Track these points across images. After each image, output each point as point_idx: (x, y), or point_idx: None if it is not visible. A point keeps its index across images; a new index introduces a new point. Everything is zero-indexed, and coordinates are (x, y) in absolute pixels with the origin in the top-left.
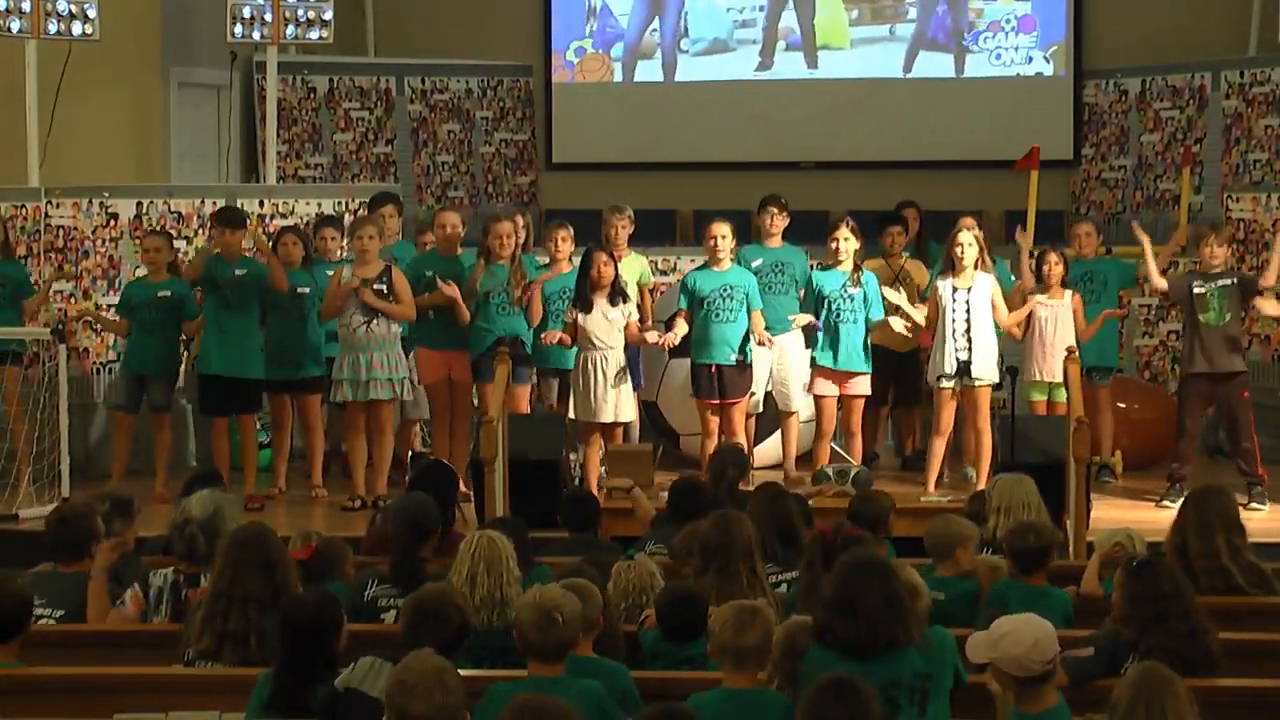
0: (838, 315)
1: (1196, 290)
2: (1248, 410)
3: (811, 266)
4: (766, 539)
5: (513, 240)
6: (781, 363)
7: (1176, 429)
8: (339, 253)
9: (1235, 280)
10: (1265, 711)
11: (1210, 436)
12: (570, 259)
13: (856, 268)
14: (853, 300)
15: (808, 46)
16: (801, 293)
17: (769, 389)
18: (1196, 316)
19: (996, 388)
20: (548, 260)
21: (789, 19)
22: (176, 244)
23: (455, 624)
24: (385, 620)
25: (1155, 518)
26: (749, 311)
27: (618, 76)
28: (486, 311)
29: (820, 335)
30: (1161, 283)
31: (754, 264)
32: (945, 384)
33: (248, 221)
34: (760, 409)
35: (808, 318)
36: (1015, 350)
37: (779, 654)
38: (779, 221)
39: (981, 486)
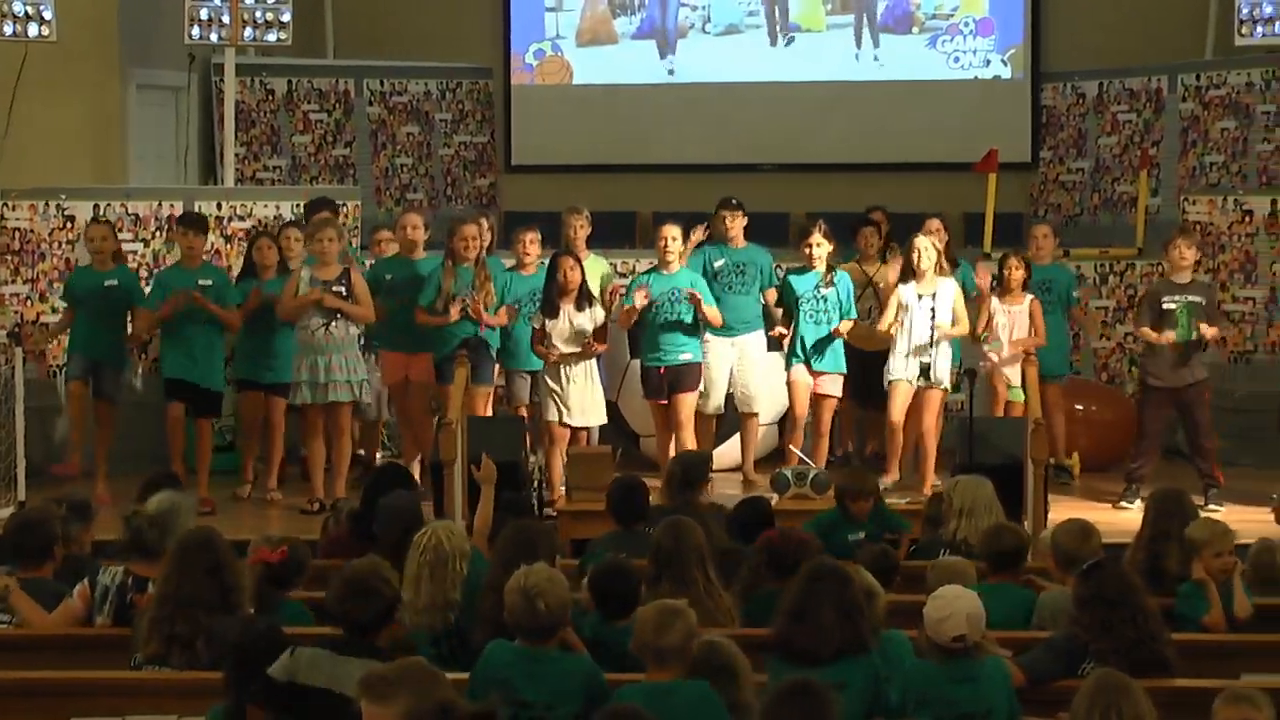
0: (810, 316)
1: (1166, 306)
2: (1207, 410)
3: (779, 268)
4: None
5: (478, 243)
6: (742, 364)
7: (1137, 430)
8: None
9: (1204, 300)
10: None
11: (1168, 436)
12: (539, 262)
13: (830, 269)
14: (824, 301)
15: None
16: (772, 293)
17: (730, 391)
18: (1163, 330)
19: (954, 390)
20: (514, 263)
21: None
22: (134, 246)
23: (386, 598)
24: None
25: (1113, 519)
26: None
27: (578, 79)
28: None
29: (795, 337)
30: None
31: (716, 264)
32: (897, 376)
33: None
34: (721, 411)
35: (782, 330)
36: (975, 353)
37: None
38: (735, 222)
39: (926, 487)
